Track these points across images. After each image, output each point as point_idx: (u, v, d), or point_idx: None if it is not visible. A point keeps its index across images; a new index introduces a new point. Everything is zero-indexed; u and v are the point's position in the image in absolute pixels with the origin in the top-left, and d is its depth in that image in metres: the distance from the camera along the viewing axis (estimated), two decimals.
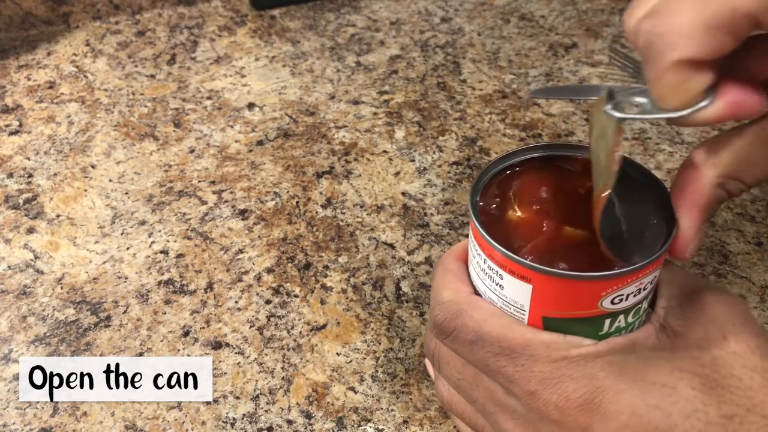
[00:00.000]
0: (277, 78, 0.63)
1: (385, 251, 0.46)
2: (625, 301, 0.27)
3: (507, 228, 0.29)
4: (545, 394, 0.26)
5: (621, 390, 0.25)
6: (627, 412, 0.25)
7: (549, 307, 0.27)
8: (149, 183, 0.52)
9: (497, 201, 0.30)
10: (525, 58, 0.65)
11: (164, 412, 0.37)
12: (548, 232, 0.28)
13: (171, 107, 0.60)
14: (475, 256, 0.29)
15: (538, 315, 0.27)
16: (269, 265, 0.45)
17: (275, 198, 0.51)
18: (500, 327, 0.28)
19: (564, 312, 0.27)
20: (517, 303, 0.28)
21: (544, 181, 0.30)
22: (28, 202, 0.51)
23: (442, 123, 0.57)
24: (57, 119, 0.59)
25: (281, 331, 0.41)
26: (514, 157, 0.31)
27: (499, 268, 0.27)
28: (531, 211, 0.29)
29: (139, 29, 0.71)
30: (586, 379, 0.26)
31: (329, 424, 0.36)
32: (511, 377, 0.27)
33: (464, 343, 0.29)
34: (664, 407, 0.25)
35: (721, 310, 0.27)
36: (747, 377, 0.25)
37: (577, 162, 0.31)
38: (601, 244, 0.27)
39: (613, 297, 0.26)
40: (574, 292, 0.26)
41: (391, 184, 0.52)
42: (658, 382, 0.25)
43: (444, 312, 0.30)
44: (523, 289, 0.27)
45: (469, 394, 0.30)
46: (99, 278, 0.45)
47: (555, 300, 0.27)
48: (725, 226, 0.47)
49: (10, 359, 0.40)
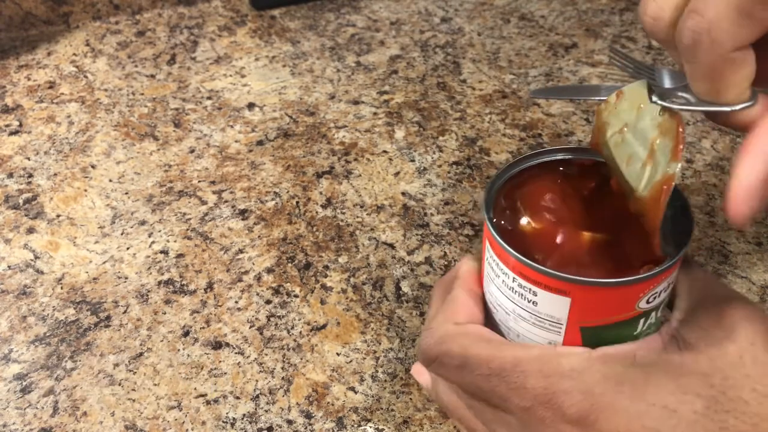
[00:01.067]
0: (277, 78, 0.63)
1: (385, 251, 0.46)
2: (658, 299, 0.26)
3: (524, 241, 0.28)
4: (540, 410, 0.26)
5: (618, 410, 0.24)
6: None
7: (587, 317, 0.26)
8: (149, 183, 0.52)
9: (510, 214, 0.29)
10: (525, 58, 0.65)
11: (164, 412, 0.37)
12: (569, 240, 0.28)
13: (171, 107, 0.60)
14: (498, 275, 0.28)
15: (576, 326, 0.27)
16: (269, 265, 0.45)
17: (275, 198, 0.51)
18: (488, 348, 0.27)
19: (603, 319, 0.26)
20: (554, 318, 0.27)
21: (551, 190, 0.30)
22: (28, 202, 0.51)
23: (442, 123, 0.57)
24: (57, 119, 0.59)
25: (281, 331, 0.41)
26: (516, 167, 0.31)
27: (532, 286, 0.26)
28: (546, 221, 0.29)
29: (139, 29, 0.71)
30: (582, 393, 0.25)
31: (329, 424, 0.36)
32: (504, 396, 0.27)
33: (451, 369, 0.28)
34: (662, 431, 0.24)
35: (740, 325, 0.25)
36: (755, 403, 0.24)
37: (581, 165, 0.31)
38: (657, 242, 0.26)
39: (649, 296, 0.26)
40: (613, 299, 0.26)
41: (391, 184, 0.52)
42: (659, 403, 0.24)
43: (429, 338, 0.29)
44: (560, 303, 0.26)
45: (468, 401, 0.30)
46: (99, 278, 0.45)
47: (594, 309, 0.26)
48: (725, 226, 0.47)
49: (10, 359, 0.40)
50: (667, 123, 0.25)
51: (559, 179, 0.30)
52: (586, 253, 0.27)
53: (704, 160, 0.53)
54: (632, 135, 0.27)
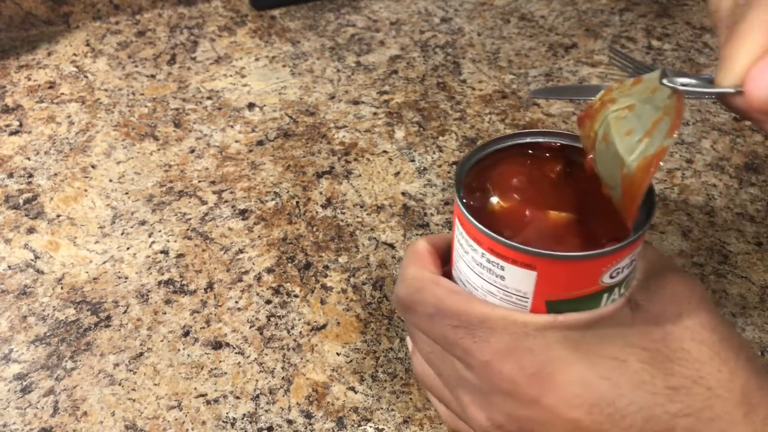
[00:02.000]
0: (277, 78, 0.63)
1: (385, 251, 0.46)
2: (621, 274, 0.28)
3: (494, 219, 0.29)
4: (498, 364, 0.27)
5: (572, 362, 0.26)
6: (577, 382, 0.26)
7: (552, 291, 0.27)
8: (149, 183, 0.52)
9: (478, 194, 0.31)
10: (525, 59, 0.65)
11: (164, 412, 0.37)
12: (536, 218, 0.29)
13: (171, 107, 0.60)
14: (467, 252, 0.29)
15: (542, 300, 0.28)
16: (269, 265, 0.46)
17: (275, 198, 0.51)
18: (460, 302, 0.29)
19: (567, 293, 0.28)
20: (520, 291, 0.28)
21: (519, 170, 0.31)
22: (28, 202, 0.51)
23: (442, 123, 0.57)
24: (57, 119, 0.59)
25: (281, 331, 0.41)
26: (486, 149, 0.32)
27: (500, 260, 0.27)
28: (514, 200, 0.30)
29: (139, 29, 0.71)
30: (540, 351, 0.26)
31: (329, 423, 0.36)
32: (467, 349, 0.28)
33: (424, 317, 0.29)
34: (612, 378, 0.26)
35: (680, 289, 0.28)
36: (695, 350, 0.26)
37: (546, 148, 0.32)
38: (634, 214, 0.27)
39: (612, 271, 0.27)
40: (577, 273, 0.27)
41: (391, 184, 0.52)
42: (610, 356, 0.26)
43: (406, 287, 0.30)
44: (527, 276, 0.27)
45: (437, 367, 0.31)
46: (99, 278, 0.45)
47: (559, 283, 0.27)
48: (725, 226, 0.47)
49: (10, 359, 0.40)
50: (671, 104, 0.26)
51: (528, 161, 0.32)
52: (552, 231, 0.29)
53: (704, 160, 0.53)
54: (637, 112, 0.28)
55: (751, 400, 0.25)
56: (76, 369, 0.40)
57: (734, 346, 0.27)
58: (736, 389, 0.25)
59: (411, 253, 0.32)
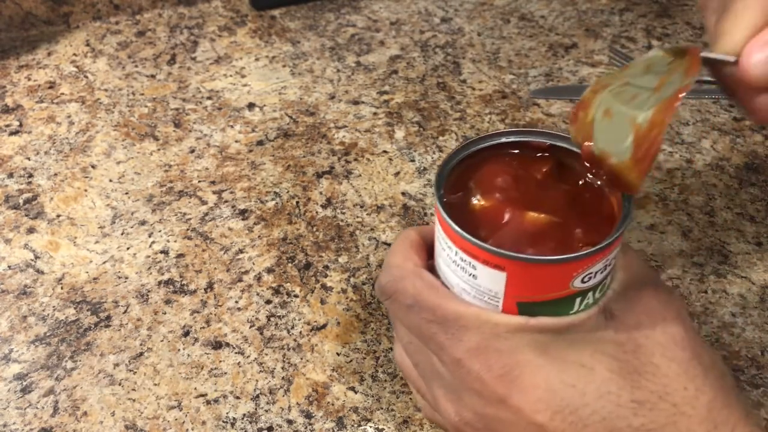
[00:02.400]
0: (277, 78, 0.63)
1: (385, 251, 0.46)
2: (593, 279, 0.28)
3: (473, 218, 0.30)
4: (469, 363, 0.27)
5: (540, 365, 0.26)
6: (543, 386, 0.26)
7: (523, 293, 0.28)
8: (149, 183, 0.52)
9: (460, 193, 0.31)
10: (525, 59, 0.65)
11: (164, 412, 0.37)
12: (513, 219, 0.29)
13: (171, 107, 0.60)
14: (444, 249, 0.29)
15: (513, 301, 0.28)
16: (269, 265, 0.46)
17: (275, 198, 0.51)
18: (437, 297, 0.29)
19: (538, 296, 0.28)
20: (492, 291, 0.28)
21: (503, 169, 0.31)
22: (28, 202, 0.51)
23: (442, 123, 0.57)
24: (57, 119, 0.59)
25: (281, 331, 0.41)
26: (473, 146, 0.32)
27: (472, 259, 0.28)
28: (494, 200, 0.30)
29: (139, 29, 0.71)
30: (510, 353, 0.27)
31: (329, 423, 0.36)
32: (441, 344, 0.28)
33: (402, 307, 0.30)
34: (578, 386, 0.26)
35: (657, 303, 0.28)
36: (665, 366, 0.26)
37: (534, 147, 0.32)
38: (647, 168, 0.27)
39: (583, 276, 0.27)
40: (548, 276, 0.27)
41: (391, 184, 0.52)
42: (578, 362, 0.26)
43: (388, 275, 0.31)
44: (497, 277, 0.27)
45: (414, 358, 0.31)
46: (99, 278, 0.45)
47: (529, 285, 0.27)
48: (725, 226, 0.47)
49: (10, 359, 0.40)
50: (678, 62, 0.27)
51: (512, 161, 0.32)
52: (528, 233, 0.29)
53: (704, 160, 0.53)
54: (637, 84, 0.28)
55: (715, 417, 0.25)
56: (76, 369, 0.40)
57: (704, 363, 0.27)
58: (701, 407, 0.25)
59: (399, 242, 0.32)
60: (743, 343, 0.40)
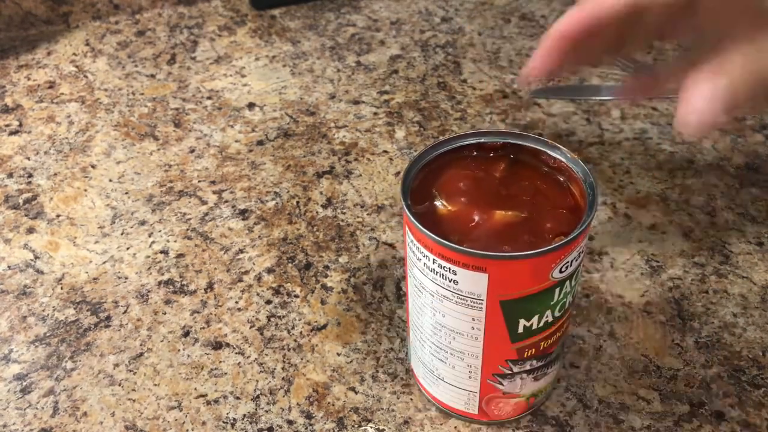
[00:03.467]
0: (278, 78, 0.63)
1: (385, 251, 0.46)
2: (570, 267, 0.28)
3: (442, 224, 0.30)
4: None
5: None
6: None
7: (505, 290, 0.28)
8: (149, 183, 0.52)
9: (426, 201, 0.31)
10: (525, 58, 0.65)
11: (164, 412, 0.37)
12: (483, 220, 0.30)
13: (171, 107, 0.60)
14: (420, 259, 0.29)
15: (496, 300, 0.28)
16: (269, 265, 0.45)
17: (275, 198, 0.51)
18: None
19: (520, 291, 0.28)
20: (474, 294, 0.28)
21: (463, 173, 0.32)
22: (28, 202, 0.51)
23: (442, 123, 0.57)
24: (57, 119, 0.59)
25: (282, 332, 0.41)
26: (430, 153, 0.32)
27: (451, 265, 0.28)
28: (460, 204, 0.31)
29: (139, 29, 0.71)
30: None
31: (330, 424, 0.36)
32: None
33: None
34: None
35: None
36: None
37: (489, 148, 0.33)
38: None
39: (561, 266, 0.28)
40: (528, 270, 0.27)
41: (392, 184, 0.52)
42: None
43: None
44: (478, 279, 0.28)
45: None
46: (99, 278, 0.45)
47: (511, 282, 0.28)
48: (726, 226, 0.47)
49: (10, 359, 0.40)
50: None
51: (472, 162, 0.33)
52: (500, 231, 0.29)
53: (705, 160, 0.53)
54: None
55: None
56: (75, 369, 0.40)
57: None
58: None
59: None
60: (744, 344, 0.40)
